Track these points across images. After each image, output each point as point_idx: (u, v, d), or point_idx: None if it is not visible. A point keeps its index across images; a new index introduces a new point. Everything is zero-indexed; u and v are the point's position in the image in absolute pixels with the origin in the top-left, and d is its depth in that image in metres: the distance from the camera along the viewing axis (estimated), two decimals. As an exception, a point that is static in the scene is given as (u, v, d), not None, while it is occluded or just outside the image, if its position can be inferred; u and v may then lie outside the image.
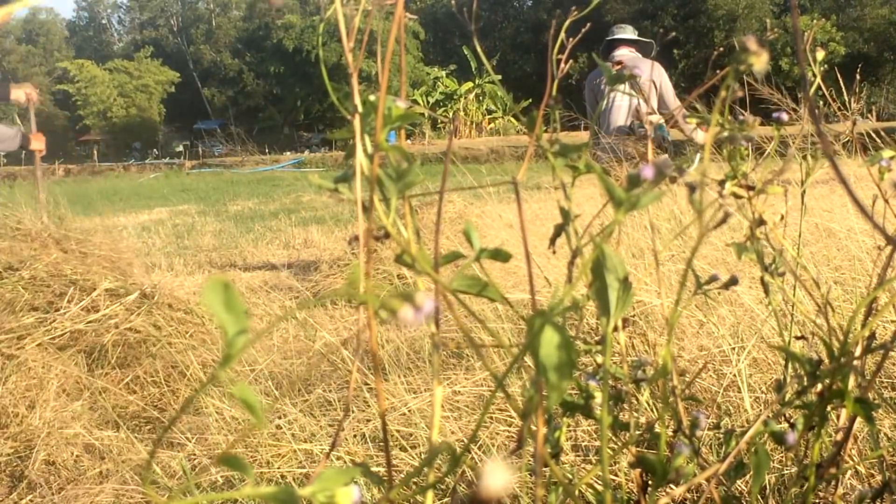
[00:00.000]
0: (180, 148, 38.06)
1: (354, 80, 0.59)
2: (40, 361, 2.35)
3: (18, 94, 3.92)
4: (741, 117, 0.68)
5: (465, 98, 31.24)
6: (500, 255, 0.58)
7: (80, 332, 2.50)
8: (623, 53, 4.52)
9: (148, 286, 2.76)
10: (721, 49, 1.22)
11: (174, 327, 2.65)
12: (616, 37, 4.59)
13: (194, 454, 1.82)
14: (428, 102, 31.09)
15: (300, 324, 2.85)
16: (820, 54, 0.96)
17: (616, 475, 1.24)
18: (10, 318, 2.40)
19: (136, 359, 2.53)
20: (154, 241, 6.42)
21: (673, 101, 4.39)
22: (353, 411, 1.82)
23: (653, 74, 4.23)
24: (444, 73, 33.39)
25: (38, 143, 4.00)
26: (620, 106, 4.47)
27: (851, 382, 0.69)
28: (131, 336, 2.56)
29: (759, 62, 0.53)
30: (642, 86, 3.76)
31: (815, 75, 0.93)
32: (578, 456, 1.47)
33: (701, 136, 3.91)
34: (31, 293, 2.54)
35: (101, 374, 2.40)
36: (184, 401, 2.28)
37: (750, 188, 0.75)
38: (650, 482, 0.68)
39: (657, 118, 4.21)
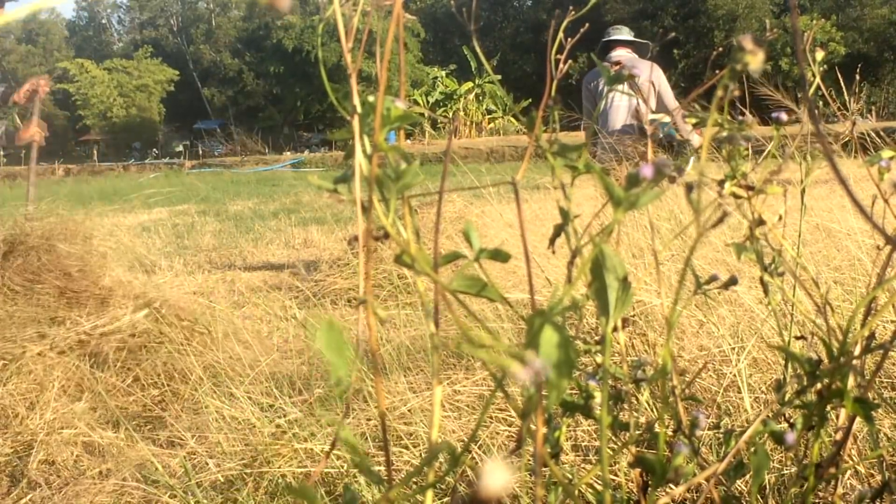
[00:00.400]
0: (180, 148, 38.04)
1: (353, 81, 0.59)
2: (41, 364, 2.35)
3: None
4: (740, 117, 0.68)
5: (465, 98, 31.25)
6: (500, 256, 0.58)
7: (84, 340, 2.50)
8: (620, 54, 4.52)
9: (154, 293, 2.75)
10: (721, 49, 1.23)
11: (178, 333, 2.65)
12: (612, 38, 4.59)
13: (195, 453, 1.82)
14: (428, 102, 31.10)
15: (300, 324, 2.85)
16: (820, 54, 0.96)
17: (616, 475, 1.24)
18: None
19: (137, 364, 2.53)
20: (154, 241, 6.42)
21: (672, 101, 4.39)
22: (353, 410, 1.82)
23: (651, 76, 4.23)
24: (443, 72, 33.39)
25: (33, 135, 3.69)
26: (619, 106, 4.47)
27: (851, 382, 0.69)
28: (132, 342, 2.56)
29: (756, 61, 0.53)
30: (641, 87, 3.77)
31: (814, 75, 0.93)
32: (578, 456, 1.47)
33: (697, 140, 3.90)
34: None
35: (102, 376, 2.40)
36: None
37: (749, 188, 0.75)
38: (650, 482, 0.68)
39: (662, 118, 4.21)
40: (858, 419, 0.76)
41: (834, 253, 2.26)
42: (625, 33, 4.64)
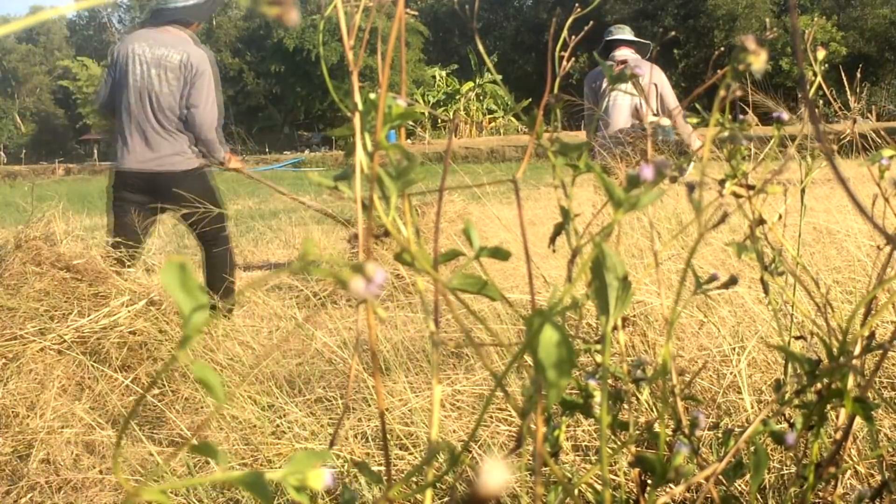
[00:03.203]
0: (180, 147, 37.87)
1: (354, 78, 0.59)
2: (42, 363, 2.35)
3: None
4: (741, 117, 0.68)
5: (466, 97, 31.25)
6: (500, 254, 0.58)
7: (83, 337, 2.50)
8: (624, 54, 4.52)
9: (155, 293, 2.75)
10: (721, 49, 1.23)
11: (178, 332, 2.65)
12: (615, 37, 4.59)
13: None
14: (427, 102, 31.09)
15: (300, 323, 2.85)
16: (821, 53, 0.96)
17: (615, 474, 1.24)
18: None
19: (138, 362, 2.53)
20: (154, 241, 6.41)
21: (673, 102, 4.40)
22: (353, 410, 1.82)
23: (653, 77, 4.25)
24: (444, 72, 33.40)
25: None
26: (622, 105, 4.48)
27: (850, 382, 0.69)
28: (132, 340, 2.56)
29: (758, 61, 0.53)
30: (644, 87, 3.78)
31: (815, 74, 0.93)
32: (578, 455, 1.48)
33: (696, 144, 3.90)
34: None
35: (103, 375, 2.40)
36: (148, 384, 2.28)
37: (750, 188, 0.75)
38: (649, 481, 0.68)
39: (661, 121, 4.22)
40: (858, 419, 0.76)
41: (833, 253, 2.26)
42: (627, 33, 4.64)
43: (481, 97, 31.64)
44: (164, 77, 3.39)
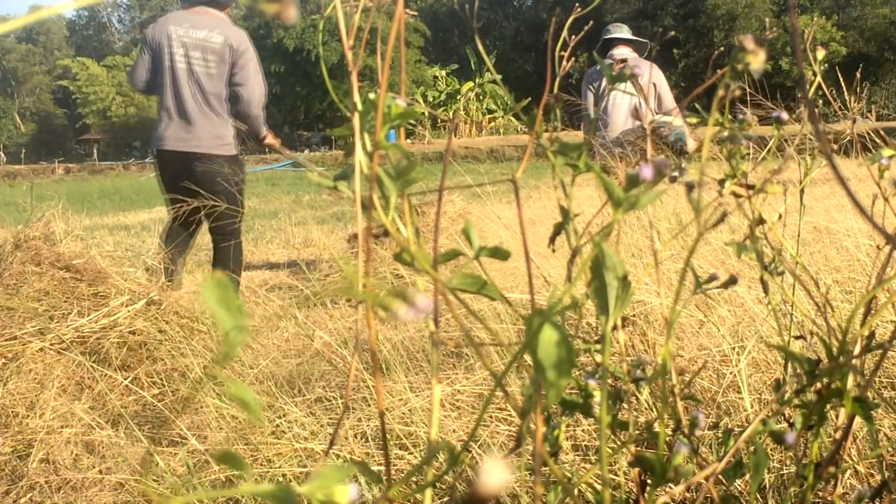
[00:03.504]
0: (180, 147, 37.90)
1: (354, 78, 0.59)
2: (42, 363, 2.35)
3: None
4: (741, 116, 0.68)
5: (466, 97, 31.25)
6: (500, 254, 0.58)
7: (83, 337, 2.50)
8: (622, 52, 4.52)
9: (155, 293, 2.75)
10: (721, 49, 1.23)
11: (177, 332, 2.65)
12: (614, 36, 4.60)
13: (194, 452, 1.82)
14: (428, 102, 31.09)
15: (300, 323, 2.85)
16: (820, 53, 0.96)
17: (615, 474, 1.24)
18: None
19: (138, 362, 2.53)
20: (154, 241, 6.41)
21: (670, 102, 4.41)
22: (353, 410, 1.82)
23: (652, 76, 4.27)
24: (444, 72, 33.40)
25: None
26: (621, 105, 4.48)
27: (850, 382, 0.69)
28: (132, 339, 2.56)
29: (757, 61, 0.53)
30: (644, 87, 3.79)
31: (815, 74, 0.93)
32: (578, 455, 1.47)
33: (692, 145, 3.90)
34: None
35: (102, 375, 2.40)
36: (183, 399, 2.28)
37: (749, 187, 0.75)
38: (649, 481, 0.68)
39: (661, 118, 4.22)
40: (858, 419, 0.76)
41: (833, 253, 2.26)
42: (625, 31, 4.65)
43: (481, 97, 31.63)
44: (207, 59, 3.48)
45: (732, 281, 0.79)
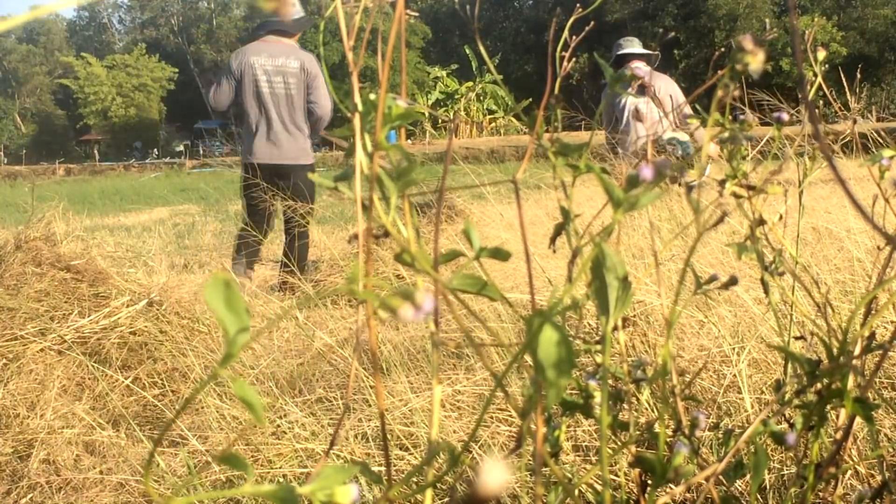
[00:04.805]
0: (181, 147, 38.04)
1: (354, 78, 0.59)
2: (42, 363, 2.35)
3: None
4: (741, 117, 0.68)
5: (466, 98, 31.25)
6: (500, 254, 0.58)
7: (84, 337, 2.50)
8: (638, 66, 4.55)
9: (155, 293, 2.75)
10: (722, 49, 1.23)
11: (178, 332, 2.65)
12: (626, 51, 4.68)
13: (195, 453, 1.82)
14: (428, 102, 31.09)
15: (300, 324, 2.85)
16: (821, 54, 0.96)
17: (616, 475, 1.24)
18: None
19: (139, 362, 2.53)
20: (154, 241, 6.42)
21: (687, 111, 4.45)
22: (354, 410, 1.82)
23: (668, 87, 4.42)
24: (444, 72, 33.40)
25: None
26: (644, 115, 4.54)
27: (850, 382, 0.69)
28: (133, 340, 2.56)
29: (756, 61, 0.53)
30: (662, 100, 3.87)
31: (815, 75, 0.93)
32: (578, 455, 1.47)
33: (714, 150, 3.91)
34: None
35: (103, 375, 2.40)
36: (184, 400, 2.28)
37: (750, 188, 0.76)
38: (649, 482, 0.68)
39: (684, 136, 4.27)
40: (858, 419, 0.76)
41: (833, 254, 2.26)
42: (636, 45, 4.74)
43: (481, 97, 31.63)
44: (287, 82, 4.14)
45: (732, 281, 0.79)
